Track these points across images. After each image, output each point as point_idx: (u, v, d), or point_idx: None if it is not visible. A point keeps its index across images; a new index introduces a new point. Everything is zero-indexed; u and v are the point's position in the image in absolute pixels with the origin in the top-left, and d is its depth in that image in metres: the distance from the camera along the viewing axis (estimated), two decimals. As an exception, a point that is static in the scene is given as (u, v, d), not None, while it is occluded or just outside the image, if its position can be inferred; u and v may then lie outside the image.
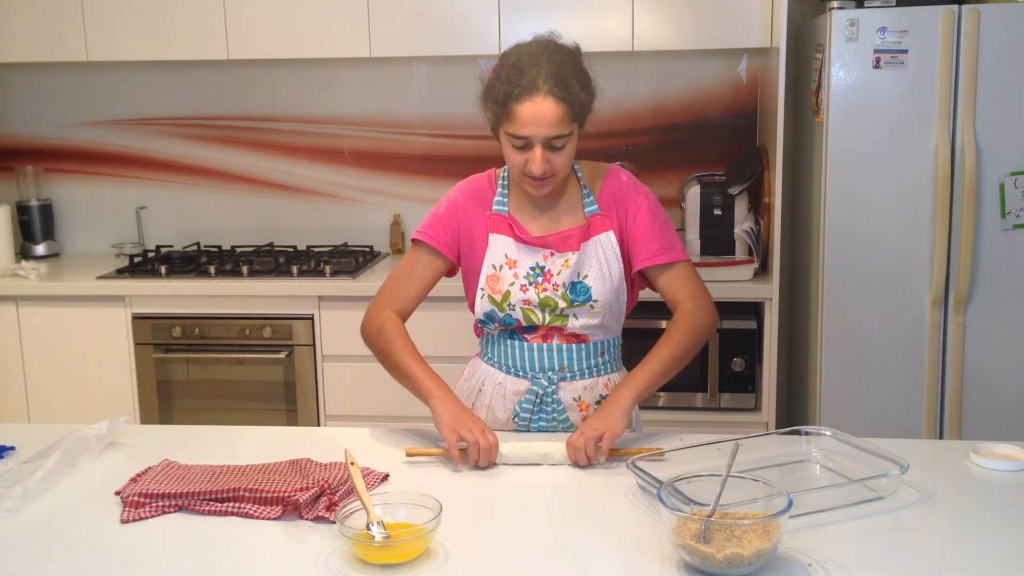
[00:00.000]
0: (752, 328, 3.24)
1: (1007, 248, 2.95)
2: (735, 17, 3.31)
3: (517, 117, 1.86)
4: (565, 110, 1.86)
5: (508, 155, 1.94)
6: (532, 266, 2.01)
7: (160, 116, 3.96)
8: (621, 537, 1.51)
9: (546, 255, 2.01)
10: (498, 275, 2.01)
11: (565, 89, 1.86)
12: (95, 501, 1.68)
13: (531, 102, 1.85)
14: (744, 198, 3.37)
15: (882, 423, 3.04)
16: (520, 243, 2.02)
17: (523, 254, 2.01)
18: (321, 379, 3.42)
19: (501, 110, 1.89)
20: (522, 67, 1.87)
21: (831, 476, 1.75)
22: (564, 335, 2.03)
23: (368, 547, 1.44)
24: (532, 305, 2.00)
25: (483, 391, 2.10)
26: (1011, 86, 2.88)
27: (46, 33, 3.56)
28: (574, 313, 2.01)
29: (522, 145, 1.89)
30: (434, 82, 3.84)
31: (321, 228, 3.95)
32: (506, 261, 2.01)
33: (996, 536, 1.51)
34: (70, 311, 3.46)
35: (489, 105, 1.93)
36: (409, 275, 2.08)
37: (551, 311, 2.00)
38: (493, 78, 1.92)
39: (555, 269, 2.00)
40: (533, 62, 1.87)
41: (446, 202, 2.08)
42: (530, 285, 1.99)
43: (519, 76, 1.86)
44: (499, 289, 2.01)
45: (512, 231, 2.02)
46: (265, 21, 3.49)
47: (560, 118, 1.86)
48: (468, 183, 2.10)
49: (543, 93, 1.85)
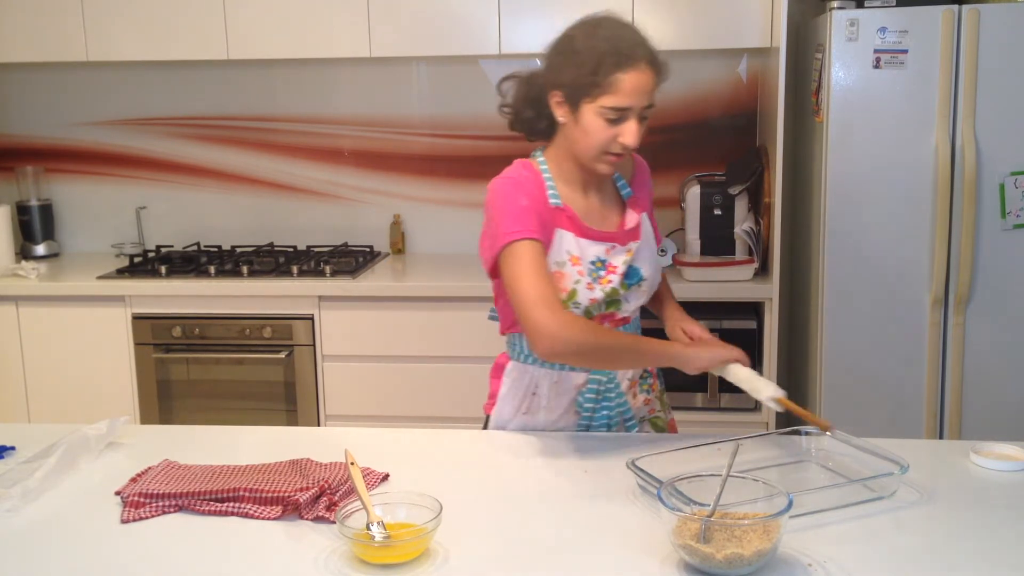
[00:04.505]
0: (752, 328, 3.24)
1: (1007, 248, 2.95)
2: (735, 17, 3.31)
3: (620, 87, 1.80)
4: (657, 79, 1.86)
5: (593, 131, 1.84)
6: (592, 260, 1.93)
7: (160, 116, 3.96)
8: (621, 537, 1.51)
9: (608, 248, 1.95)
10: (563, 272, 1.92)
11: (656, 57, 1.85)
12: (95, 501, 1.68)
13: (635, 71, 1.81)
14: (744, 198, 3.37)
15: (882, 423, 3.05)
16: (583, 238, 1.93)
17: (584, 248, 1.93)
18: (321, 379, 3.42)
19: (600, 81, 1.81)
20: (617, 36, 1.83)
21: (831, 476, 1.75)
22: (615, 320, 2.00)
23: (368, 547, 1.44)
24: (598, 302, 1.94)
25: (538, 394, 2.01)
26: (1011, 86, 2.88)
27: (46, 33, 3.56)
28: (625, 297, 1.98)
29: (617, 118, 1.83)
30: (434, 82, 3.84)
31: (321, 228, 3.95)
32: (569, 258, 1.92)
33: (996, 536, 1.51)
34: (70, 311, 3.46)
35: (572, 78, 1.83)
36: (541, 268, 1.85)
37: (607, 300, 1.96)
38: (576, 51, 1.84)
39: (617, 261, 1.95)
40: (624, 32, 1.85)
41: (524, 195, 1.89)
42: (594, 282, 1.93)
43: (618, 44, 1.81)
44: (564, 287, 1.91)
45: (573, 225, 1.94)
46: (265, 21, 3.49)
47: (654, 87, 1.85)
48: (519, 175, 1.94)
49: (645, 61, 1.82)
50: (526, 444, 1.94)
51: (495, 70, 3.78)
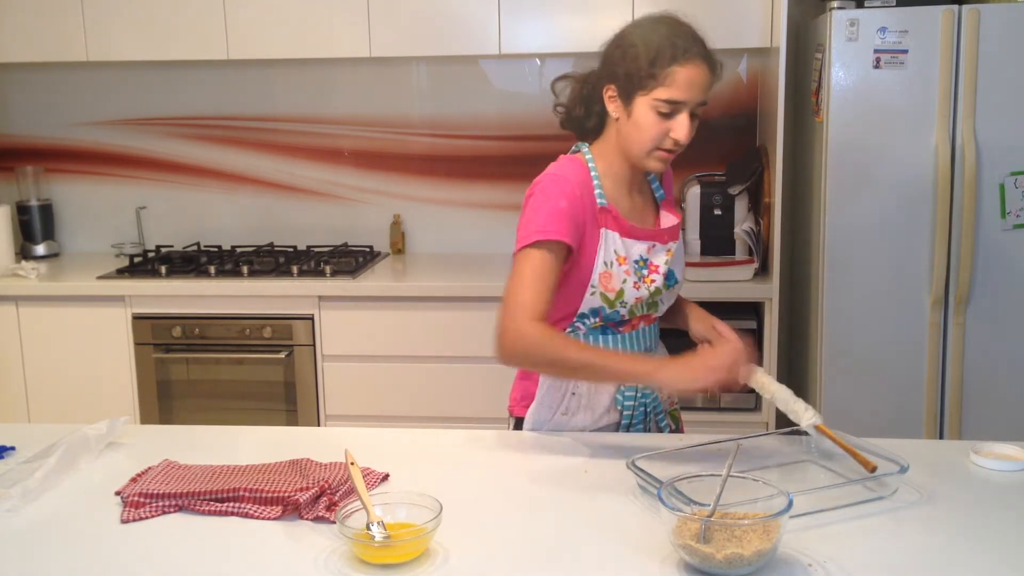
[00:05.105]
0: (752, 328, 3.24)
1: (1007, 248, 2.95)
2: (735, 17, 3.31)
3: (676, 80, 1.81)
4: (712, 77, 1.87)
5: (646, 126, 1.85)
6: (636, 260, 1.94)
7: (160, 116, 3.96)
8: (621, 537, 1.51)
9: (649, 247, 1.96)
10: (611, 272, 1.92)
11: (712, 55, 1.87)
12: (95, 501, 1.68)
13: (692, 64, 1.82)
14: (744, 198, 3.37)
15: (882, 423, 3.05)
16: (627, 237, 1.94)
17: (628, 248, 1.94)
18: (321, 379, 3.42)
19: (656, 73, 1.82)
20: (675, 31, 1.85)
21: (831, 476, 1.75)
22: (651, 319, 2.01)
23: (368, 547, 1.43)
24: (643, 301, 1.95)
25: (577, 394, 1.98)
26: (1011, 86, 2.88)
27: (46, 33, 3.56)
28: (663, 299, 2.00)
29: (670, 112, 1.84)
30: (434, 82, 3.84)
31: (321, 228, 3.95)
32: (616, 258, 1.92)
33: (996, 536, 1.51)
34: (70, 311, 3.46)
35: (627, 72, 1.85)
36: (546, 279, 1.86)
37: (650, 301, 1.96)
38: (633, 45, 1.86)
39: (659, 260, 1.97)
40: (682, 28, 1.86)
41: (564, 196, 1.88)
42: (639, 281, 1.94)
43: (675, 39, 1.83)
44: (612, 287, 1.91)
45: (618, 225, 1.94)
46: (265, 21, 3.49)
47: (709, 83, 1.86)
48: (571, 171, 1.93)
49: (700, 57, 1.84)
50: (526, 444, 1.94)
51: (495, 70, 3.78)
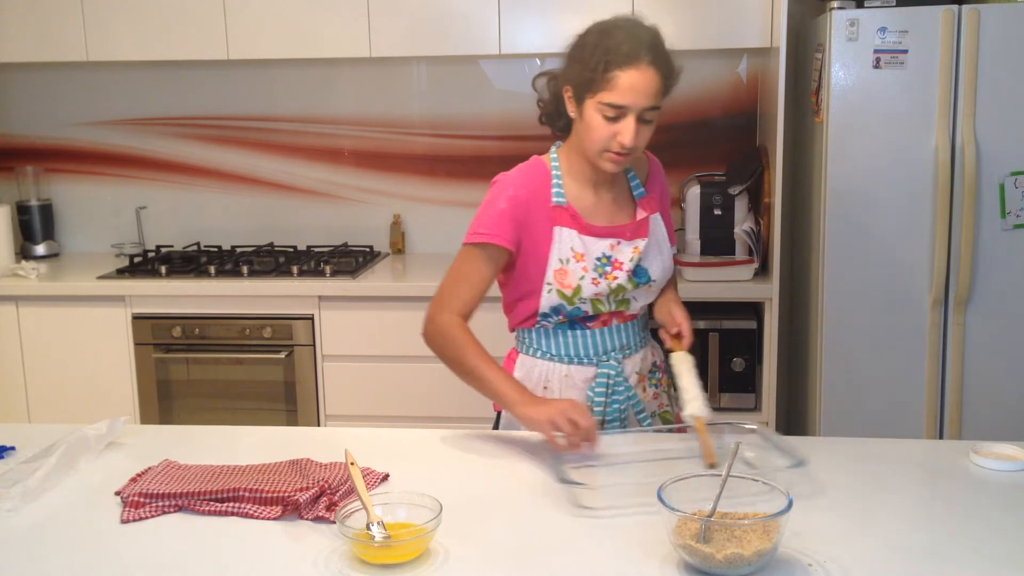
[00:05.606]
0: (752, 328, 3.24)
1: (1007, 248, 2.95)
2: (735, 17, 3.31)
3: (618, 84, 1.83)
4: (662, 82, 1.87)
5: (594, 127, 1.89)
6: (598, 256, 1.98)
7: (160, 116, 3.96)
8: (621, 537, 1.51)
9: (612, 244, 1.99)
10: (566, 269, 1.96)
11: (665, 61, 1.87)
12: (95, 501, 1.68)
13: (635, 70, 1.83)
14: (744, 198, 3.37)
15: (882, 423, 3.05)
16: (586, 235, 1.98)
17: (588, 245, 1.98)
18: (321, 379, 3.42)
19: (598, 77, 1.85)
20: (624, 36, 1.86)
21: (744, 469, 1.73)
22: (624, 316, 2.04)
23: (368, 547, 1.44)
24: (603, 296, 1.98)
25: (549, 388, 2.04)
26: (1011, 86, 2.88)
27: (46, 33, 3.56)
28: (634, 296, 2.02)
29: (615, 116, 1.86)
30: (434, 82, 3.84)
31: (321, 228, 3.95)
32: (572, 254, 1.97)
33: (996, 536, 1.51)
34: (70, 311, 3.46)
35: (579, 73, 1.88)
36: (471, 277, 1.98)
37: (616, 297, 2.00)
38: (585, 46, 1.89)
39: (624, 257, 1.99)
40: (633, 32, 1.87)
41: (505, 198, 1.97)
42: (600, 277, 1.97)
43: (622, 43, 1.84)
44: (568, 283, 1.96)
45: (576, 223, 1.98)
46: (265, 21, 3.49)
47: (658, 89, 1.87)
48: (522, 175, 2.01)
49: (646, 62, 1.84)
50: (526, 444, 1.93)
51: (495, 70, 3.78)
